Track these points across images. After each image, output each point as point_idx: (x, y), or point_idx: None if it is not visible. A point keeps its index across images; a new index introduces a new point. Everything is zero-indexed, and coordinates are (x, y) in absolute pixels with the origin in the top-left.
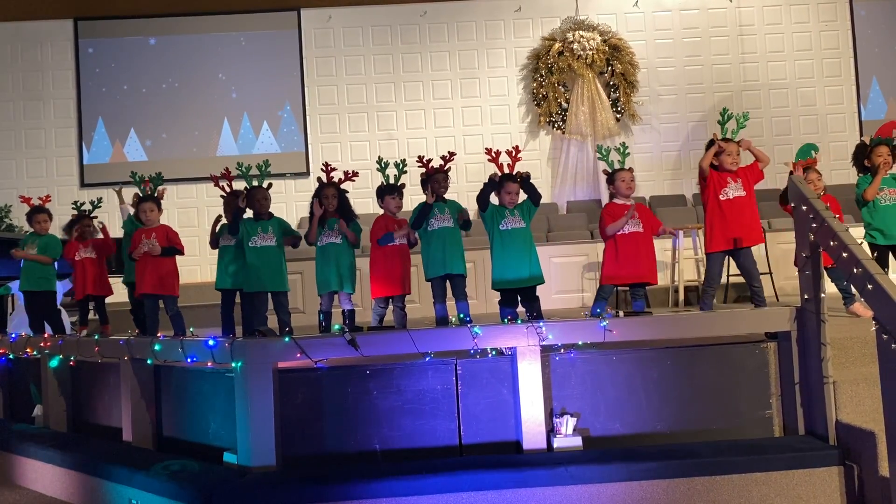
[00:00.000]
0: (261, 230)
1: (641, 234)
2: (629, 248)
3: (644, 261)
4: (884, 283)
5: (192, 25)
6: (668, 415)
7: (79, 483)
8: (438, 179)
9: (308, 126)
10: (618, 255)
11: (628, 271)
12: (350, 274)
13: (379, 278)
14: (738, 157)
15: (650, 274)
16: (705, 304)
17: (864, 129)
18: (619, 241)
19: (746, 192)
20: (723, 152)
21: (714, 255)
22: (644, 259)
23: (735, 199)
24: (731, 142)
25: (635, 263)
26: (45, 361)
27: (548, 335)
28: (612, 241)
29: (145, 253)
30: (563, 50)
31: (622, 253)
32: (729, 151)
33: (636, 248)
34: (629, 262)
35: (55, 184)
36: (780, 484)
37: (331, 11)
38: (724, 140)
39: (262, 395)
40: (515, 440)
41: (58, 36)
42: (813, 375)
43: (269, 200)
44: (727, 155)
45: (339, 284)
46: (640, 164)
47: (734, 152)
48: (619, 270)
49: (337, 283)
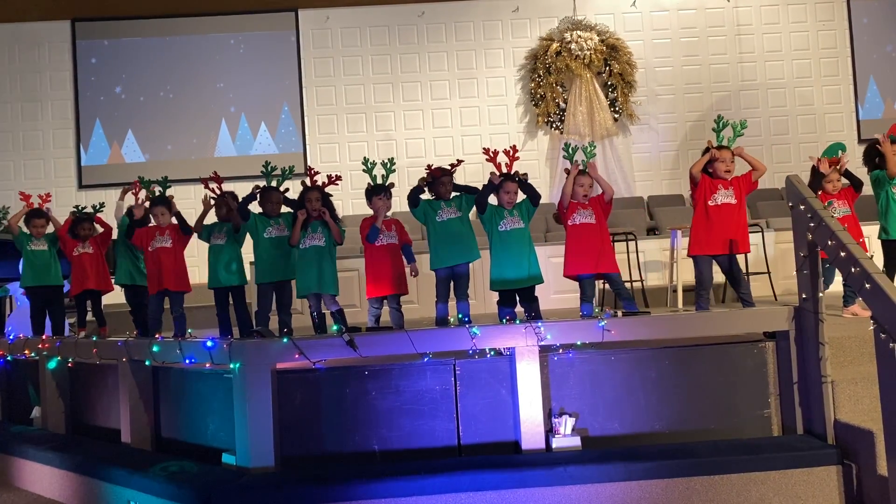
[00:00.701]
0: (274, 222)
1: (594, 226)
2: (582, 240)
3: (606, 252)
4: (882, 282)
5: (190, 27)
6: (667, 414)
7: (77, 485)
8: (444, 182)
9: (306, 127)
10: (570, 247)
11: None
12: (331, 276)
13: (370, 279)
14: (732, 165)
15: (609, 265)
16: (701, 306)
17: (861, 128)
18: (572, 232)
19: (737, 200)
20: (717, 160)
21: (699, 258)
22: (605, 251)
23: (723, 206)
24: (725, 149)
25: (591, 255)
26: (44, 363)
27: (546, 335)
28: (573, 233)
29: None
30: (561, 50)
31: (573, 246)
32: (723, 158)
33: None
34: (583, 254)
35: (53, 185)
36: (779, 483)
37: (328, 12)
38: (718, 147)
39: (261, 396)
40: (514, 440)
41: (55, 37)
42: (811, 375)
43: (280, 205)
44: (721, 162)
45: (319, 286)
46: (638, 163)
47: (728, 159)
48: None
49: (317, 285)
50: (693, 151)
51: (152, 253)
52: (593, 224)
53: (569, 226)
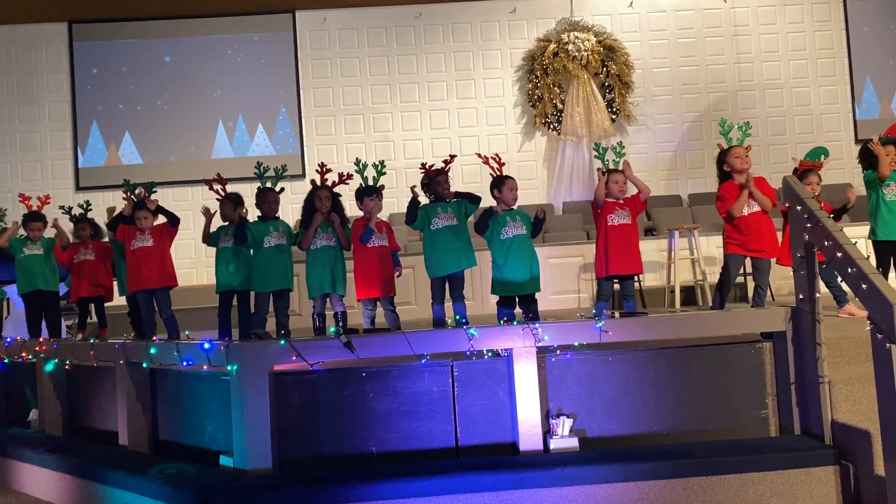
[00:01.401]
0: (273, 229)
1: (630, 226)
2: (620, 240)
3: (635, 252)
4: (878, 282)
5: (187, 28)
6: (665, 415)
7: (75, 487)
8: (440, 181)
9: (304, 128)
10: (609, 247)
11: (623, 264)
12: (342, 276)
13: (360, 280)
14: (748, 159)
15: (639, 266)
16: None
17: (858, 129)
18: (610, 232)
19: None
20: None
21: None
22: (635, 251)
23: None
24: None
25: (627, 255)
26: (41, 365)
27: (543, 336)
28: (603, 234)
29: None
30: (559, 51)
31: (613, 245)
32: (737, 154)
33: (627, 239)
34: (622, 254)
35: (50, 187)
36: (777, 484)
37: (326, 13)
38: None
39: (258, 397)
40: (512, 441)
41: (52, 39)
42: (808, 375)
43: (278, 204)
44: (735, 157)
45: (332, 286)
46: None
47: (742, 154)
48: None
49: (330, 285)
50: (690, 152)
51: (133, 252)
52: (629, 224)
53: (607, 226)
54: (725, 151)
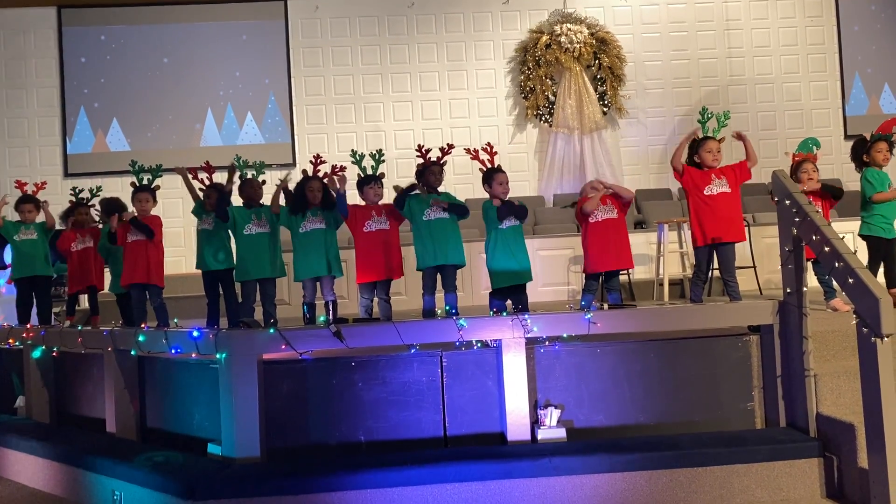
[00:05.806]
0: (254, 217)
1: (616, 220)
2: (604, 236)
3: (624, 247)
4: (865, 277)
5: (177, 15)
6: (652, 407)
7: (62, 475)
8: (434, 171)
9: (294, 117)
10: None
11: (611, 259)
12: (336, 257)
13: (360, 264)
14: (719, 154)
15: (628, 260)
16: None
17: (847, 124)
18: (594, 229)
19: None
20: (702, 149)
21: (699, 249)
22: (624, 245)
23: (719, 195)
24: (711, 139)
25: (614, 251)
26: (28, 352)
27: (532, 327)
28: (587, 231)
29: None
30: (551, 43)
31: (598, 242)
32: (709, 148)
33: (613, 234)
34: (607, 250)
35: (39, 174)
36: (761, 475)
37: (318, 2)
38: (704, 138)
39: (247, 386)
40: (500, 432)
41: (41, 24)
42: (794, 368)
43: (261, 189)
44: (707, 152)
45: (326, 269)
46: (626, 157)
47: (714, 149)
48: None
49: (325, 267)
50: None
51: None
52: (615, 219)
53: (591, 223)
54: (699, 142)
